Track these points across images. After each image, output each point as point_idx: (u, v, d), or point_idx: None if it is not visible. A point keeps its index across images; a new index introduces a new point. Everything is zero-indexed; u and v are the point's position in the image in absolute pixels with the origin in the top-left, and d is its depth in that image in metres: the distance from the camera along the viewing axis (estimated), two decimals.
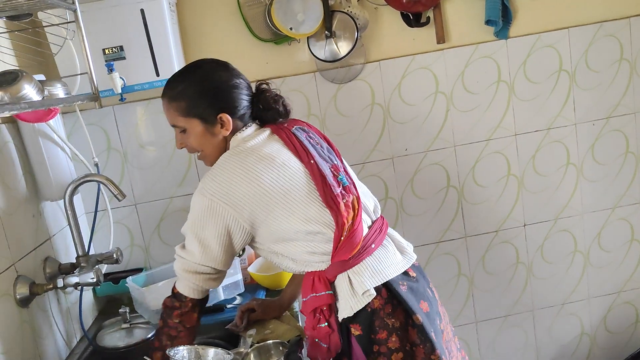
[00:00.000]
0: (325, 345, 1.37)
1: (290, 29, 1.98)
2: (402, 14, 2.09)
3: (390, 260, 1.42)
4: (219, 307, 1.87)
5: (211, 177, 1.36)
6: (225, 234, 1.36)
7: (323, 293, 1.36)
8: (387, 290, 1.38)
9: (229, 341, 1.69)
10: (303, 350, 1.42)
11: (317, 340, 1.38)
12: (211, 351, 1.38)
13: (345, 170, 1.46)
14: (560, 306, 2.42)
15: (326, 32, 2.04)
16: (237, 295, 1.95)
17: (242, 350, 1.53)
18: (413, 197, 2.24)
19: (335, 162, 1.45)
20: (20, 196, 1.63)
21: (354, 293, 1.35)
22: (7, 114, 1.14)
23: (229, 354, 1.40)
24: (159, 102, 2.04)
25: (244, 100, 1.44)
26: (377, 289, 1.36)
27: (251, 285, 2.00)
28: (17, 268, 1.53)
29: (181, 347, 1.38)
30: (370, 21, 2.08)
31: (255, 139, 1.41)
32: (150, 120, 2.08)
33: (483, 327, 2.41)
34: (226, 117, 1.41)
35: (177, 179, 2.13)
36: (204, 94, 1.41)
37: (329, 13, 2.01)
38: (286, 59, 2.10)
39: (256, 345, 1.53)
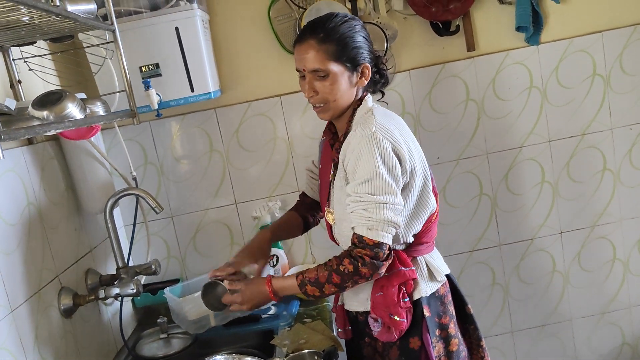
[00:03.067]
0: (405, 321, 1.41)
1: None
2: (431, 23, 2.10)
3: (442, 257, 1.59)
4: (255, 317, 1.89)
5: (382, 120, 1.38)
6: (402, 176, 1.38)
7: (411, 268, 1.43)
8: (448, 280, 1.53)
9: (264, 350, 1.71)
10: (375, 326, 1.45)
11: (395, 317, 1.40)
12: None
13: None
14: (599, 315, 2.36)
15: None
16: (272, 304, 1.97)
17: (277, 359, 1.55)
18: (446, 205, 2.23)
19: None
20: (63, 211, 1.70)
21: (431, 275, 1.48)
22: (52, 132, 1.19)
23: None
24: (193, 117, 2.12)
25: (372, 60, 1.46)
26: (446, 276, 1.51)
27: (286, 295, 2.01)
28: (61, 280, 1.59)
29: (218, 356, 1.41)
30: (400, 31, 2.09)
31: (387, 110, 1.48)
32: (185, 134, 2.14)
33: (519, 337, 2.36)
34: (368, 68, 1.42)
35: (212, 191, 2.17)
36: (359, 41, 1.40)
37: None
38: None
39: (291, 355, 1.54)
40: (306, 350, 1.56)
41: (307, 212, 1.74)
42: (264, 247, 1.64)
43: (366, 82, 1.43)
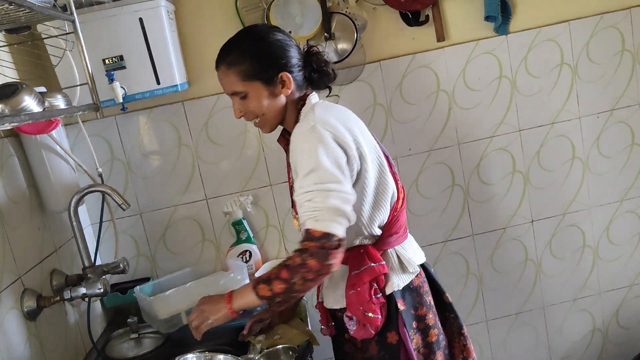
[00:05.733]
0: (379, 317, 1.39)
1: (289, 32, 1.98)
2: (400, 13, 2.09)
3: (418, 245, 1.57)
4: None
5: (322, 114, 1.35)
6: (349, 165, 1.33)
7: (380, 263, 1.41)
8: (423, 270, 1.51)
9: (237, 347, 1.68)
10: (350, 324, 1.45)
11: (369, 314, 1.38)
12: (220, 358, 1.37)
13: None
14: (571, 302, 2.39)
15: (325, 34, 2.03)
16: None
17: (251, 356, 1.52)
18: (418, 196, 2.23)
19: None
20: (24, 209, 1.63)
21: (403, 268, 1.46)
22: (7, 126, 1.14)
23: None
24: (160, 111, 2.07)
25: (298, 60, 1.44)
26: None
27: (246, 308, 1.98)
28: (24, 281, 1.53)
29: (190, 355, 1.37)
30: (369, 21, 2.08)
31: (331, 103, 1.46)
32: (152, 128, 2.08)
33: (494, 326, 2.38)
34: (287, 76, 1.40)
35: (181, 186, 2.13)
36: (263, 54, 1.39)
37: (327, 15, 2.01)
38: None
39: (265, 351, 1.52)
40: (280, 346, 1.54)
41: None
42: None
43: (290, 89, 1.41)
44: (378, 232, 1.44)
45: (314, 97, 1.45)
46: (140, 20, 1.75)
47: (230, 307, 1.38)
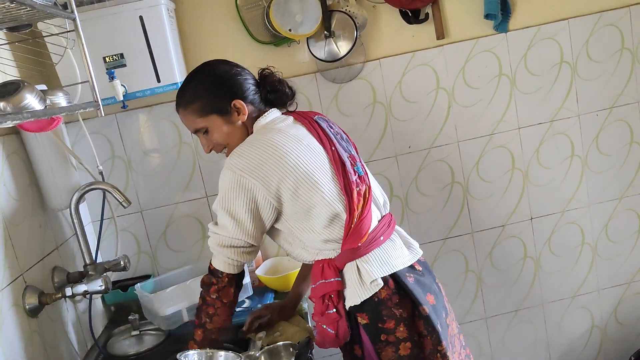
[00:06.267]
0: (333, 332, 1.41)
1: (289, 30, 1.99)
2: (400, 11, 2.09)
3: (397, 252, 1.47)
4: None
5: (239, 154, 1.39)
6: (254, 208, 1.40)
7: (332, 280, 1.41)
8: (394, 282, 1.42)
9: (238, 344, 1.69)
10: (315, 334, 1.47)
11: (324, 326, 1.42)
12: (221, 354, 1.38)
13: (360, 162, 1.52)
14: (570, 299, 2.40)
15: (325, 32, 2.03)
16: (246, 298, 1.95)
17: (252, 353, 1.53)
18: (418, 194, 2.24)
19: (353, 153, 1.52)
20: (26, 207, 1.64)
21: (362, 282, 1.40)
22: (9, 124, 1.14)
23: (239, 357, 1.40)
24: (161, 108, 2.07)
25: (250, 85, 1.50)
26: (384, 279, 1.41)
27: (259, 288, 2.00)
28: (26, 278, 1.54)
29: (191, 352, 1.38)
30: (369, 20, 2.08)
31: (280, 123, 1.46)
32: (153, 126, 2.09)
33: (493, 323, 2.39)
34: (239, 103, 1.46)
35: (182, 184, 2.13)
36: (212, 88, 1.46)
37: (327, 13, 2.01)
38: (286, 60, 2.09)
39: (266, 347, 1.53)
40: (281, 343, 1.54)
41: None
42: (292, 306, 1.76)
43: (246, 114, 1.46)
44: (333, 246, 1.42)
45: (269, 115, 1.50)
46: (141, 18, 1.75)
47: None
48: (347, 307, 1.42)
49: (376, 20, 2.10)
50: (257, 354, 1.50)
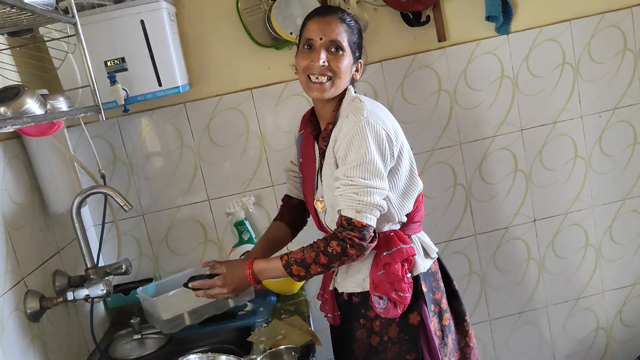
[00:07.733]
0: (409, 295, 1.46)
1: (291, 33, 1.98)
2: (401, 13, 2.09)
3: None
4: (230, 314, 1.86)
5: (372, 107, 1.45)
6: (390, 160, 1.46)
7: (410, 245, 1.50)
8: (437, 258, 1.61)
9: (241, 347, 1.69)
10: (380, 304, 1.49)
11: (399, 292, 1.45)
12: (222, 358, 1.37)
13: None
14: (574, 301, 2.39)
15: None
16: (248, 302, 1.94)
17: (253, 356, 1.53)
18: None
19: None
20: (27, 211, 1.64)
21: (425, 253, 1.56)
22: (10, 129, 1.14)
23: None
24: (162, 112, 2.07)
25: None
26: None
27: (261, 291, 1.99)
28: (27, 282, 1.54)
29: (192, 356, 1.38)
30: (370, 22, 2.08)
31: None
32: (154, 130, 2.09)
33: (497, 325, 2.38)
34: (362, 66, 1.55)
35: (183, 188, 2.13)
36: (361, 40, 1.55)
37: None
38: (287, 63, 2.08)
39: (268, 351, 1.53)
40: (283, 346, 1.55)
41: (294, 215, 1.76)
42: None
43: (358, 77, 1.54)
44: (404, 219, 1.53)
45: (352, 90, 1.54)
46: (142, 22, 1.75)
47: (250, 274, 1.50)
48: (413, 274, 1.50)
49: (377, 23, 2.10)
50: (259, 358, 1.50)
